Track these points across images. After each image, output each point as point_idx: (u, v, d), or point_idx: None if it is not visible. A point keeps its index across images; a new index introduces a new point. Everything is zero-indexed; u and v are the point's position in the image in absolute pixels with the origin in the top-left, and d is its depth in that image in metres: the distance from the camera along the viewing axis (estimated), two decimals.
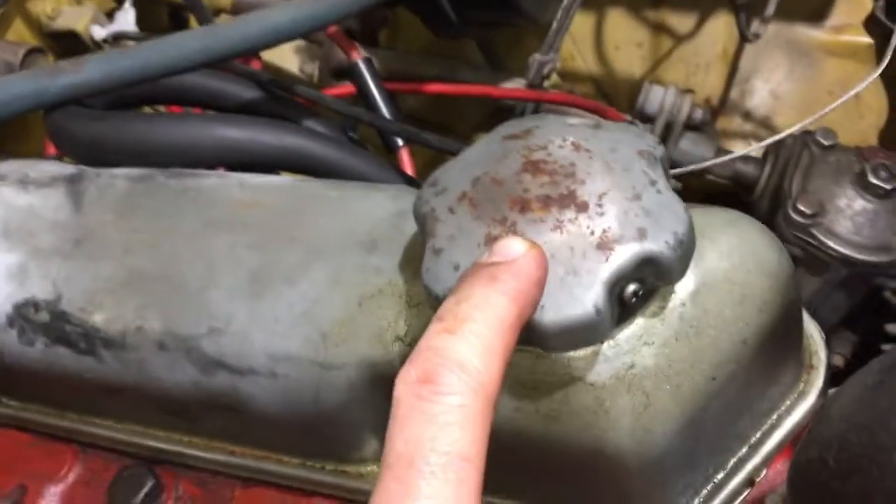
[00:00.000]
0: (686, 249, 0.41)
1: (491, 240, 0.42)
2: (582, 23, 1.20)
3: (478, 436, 0.33)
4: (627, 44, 1.21)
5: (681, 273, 0.42)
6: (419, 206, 0.46)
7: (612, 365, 0.45)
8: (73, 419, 0.66)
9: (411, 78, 1.05)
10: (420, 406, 0.33)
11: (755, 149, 1.03)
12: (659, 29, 1.19)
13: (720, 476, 0.51)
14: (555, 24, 0.92)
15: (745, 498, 0.51)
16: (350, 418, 0.54)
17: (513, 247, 0.37)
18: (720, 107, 1.19)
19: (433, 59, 1.12)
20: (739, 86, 1.18)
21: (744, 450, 0.51)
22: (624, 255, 0.40)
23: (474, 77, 1.08)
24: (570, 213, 0.42)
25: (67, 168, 0.67)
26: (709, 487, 0.51)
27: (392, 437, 0.33)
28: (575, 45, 1.22)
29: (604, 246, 0.41)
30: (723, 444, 0.50)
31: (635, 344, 0.45)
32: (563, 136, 0.45)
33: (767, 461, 0.51)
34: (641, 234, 0.41)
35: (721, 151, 1.07)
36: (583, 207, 0.42)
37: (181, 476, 0.62)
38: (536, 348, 0.45)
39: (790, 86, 1.17)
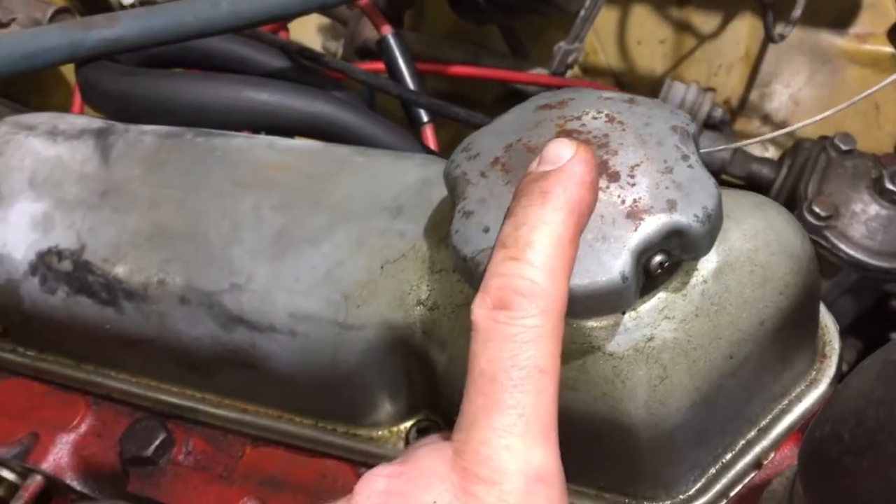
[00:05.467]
0: (714, 224, 0.42)
1: None
2: (606, 17, 1.20)
3: (551, 350, 0.36)
4: (650, 40, 1.21)
5: (707, 247, 0.42)
6: (451, 170, 0.47)
7: (632, 336, 0.45)
8: (88, 371, 0.67)
9: (435, 61, 1.05)
10: (498, 329, 0.36)
11: (766, 139, 1.03)
12: (683, 27, 1.20)
13: (728, 457, 0.52)
14: (582, 13, 0.93)
15: (751, 479, 0.52)
16: (366, 380, 0.55)
17: (562, 150, 0.38)
18: (739, 108, 1.19)
19: (457, 44, 1.12)
20: (760, 88, 1.19)
21: (753, 432, 0.52)
22: (653, 225, 0.41)
23: (497, 64, 1.08)
24: (601, 182, 0.42)
25: (96, 122, 0.68)
26: (717, 467, 0.51)
27: (475, 358, 0.36)
28: (598, 38, 1.23)
29: (633, 215, 0.41)
30: (733, 425, 0.51)
31: (656, 317, 0.45)
32: (597, 109, 0.46)
33: (776, 445, 0.52)
34: (671, 206, 0.41)
35: (739, 152, 1.07)
36: (615, 177, 0.42)
37: (192, 432, 0.63)
38: None
39: (810, 92, 1.17)
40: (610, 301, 0.41)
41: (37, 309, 0.64)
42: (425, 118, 0.75)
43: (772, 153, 1.16)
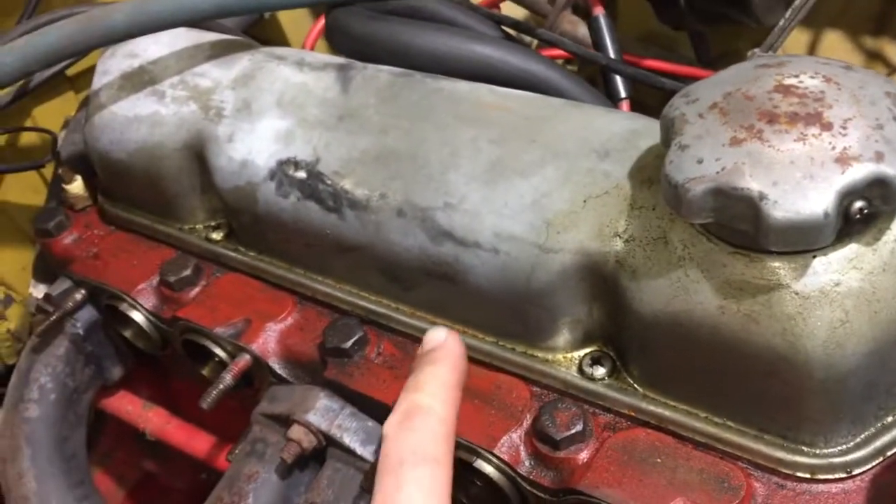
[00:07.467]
0: None
1: (736, 142, 0.48)
2: (797, 38, 1.22)
3: (444, 447, 0.49)
4: None
5: None
6: (669, 112, 0.52)
7: (820, 279, 0.49)
8: (298, 274, 0.76)
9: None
10: (403, 433, 0.50)
11: None
12: (874, 57, 1.20)
13: (890, 419, 0.54)
14: (781, 23, 0.96)
15: None
16: (554, 302, 0.61)
17: (440, 334, 0.56)
18: None
19: (648, 46, 1.17)
20: None
21: None
22: (860, 171, 0.45)
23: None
24: (814, 130, 0.47)
25: (338, 59, 0.78)
26: (876, 426, 0.54)
27: (385, 453, 0.49)
28: None
29: (842, 161, 0.45)
30: None
31: (845, 265, 0.49)
32: (814, 70, 0.50)
33: None
34: (879, 157, 0.45)
35: None
36: (827, 127, 0.47)
37: (384, 336, 0.71)
38: (750, 252, 0.50)
39: None
40: (808, 236, 0.46)
41: (269, 210, 0.73)
42: (623, 94, 0.81)
43: None
